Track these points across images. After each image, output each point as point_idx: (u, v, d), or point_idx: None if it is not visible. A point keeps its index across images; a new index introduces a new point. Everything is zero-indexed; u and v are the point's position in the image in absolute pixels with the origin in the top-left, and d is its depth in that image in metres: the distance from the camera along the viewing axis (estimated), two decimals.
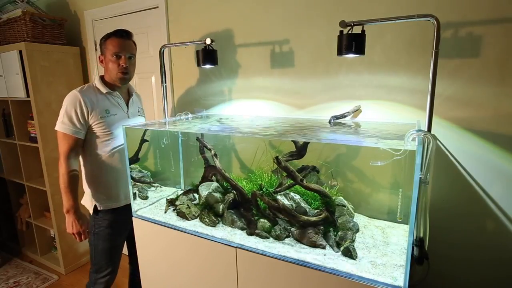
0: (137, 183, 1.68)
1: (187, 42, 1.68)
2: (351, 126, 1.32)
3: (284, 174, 1.29)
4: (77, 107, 1.37)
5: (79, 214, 1.44)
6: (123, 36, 1.43)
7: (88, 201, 1.53)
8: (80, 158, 1.49)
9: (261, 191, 1.29)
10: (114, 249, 1.57)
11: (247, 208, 1.35)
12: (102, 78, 1.51)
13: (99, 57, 1.48)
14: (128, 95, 1.59)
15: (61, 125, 1.38)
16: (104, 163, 1.48)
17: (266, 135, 1.23)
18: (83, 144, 1.45)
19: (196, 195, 1.56)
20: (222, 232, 1.30)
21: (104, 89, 1.46)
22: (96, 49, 2.34)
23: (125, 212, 1.51)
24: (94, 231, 1.52)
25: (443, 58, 1.20)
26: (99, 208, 1.50)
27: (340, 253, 1.11)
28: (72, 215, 1.42)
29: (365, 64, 1.37)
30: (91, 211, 1.53)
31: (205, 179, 1.58)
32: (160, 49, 1.69)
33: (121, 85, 1.50)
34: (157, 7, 1.94)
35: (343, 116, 1.38)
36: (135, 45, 1.50)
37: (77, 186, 1.43)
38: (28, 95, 2.15)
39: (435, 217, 1.28)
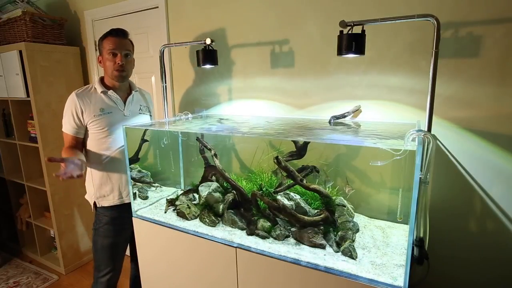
0: (137, 183, 1.69)
1: (187, 42, 1.68)
2: (351, 126, 1.32)
3: (284, 174, 1.29)
4: (72, 107, 1.45)
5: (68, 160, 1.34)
6: (118, 35, 1.46)
7: (89, 197, 1.58)
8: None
9: (261, 191, 1.29)
10: (114, 247, 1.57)
11: (247, 208, 1.35)
12: (101, 78, 1.55)
13: (98, 58, 1.52)
14: (128, 93, 1.59)
15: (63, 125, 1.48)
16: (101, 161, 1.50)
17: (266, 135, 1.23)
18: (83, 142, 1.50)
19: (196, 195, 1.56)
20: (222, 232, 1.30)
21: (100, 89, 1.49)
22: (96, 50, 2.34)
23: (126, 210, 1.52)
24: (94, 227, 1.56)
25: (443, 58, 1.20)
26: (98, 205, 1.54)
27: (340, 253, 1.11)
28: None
29: (365, 64, 1.37)
30: (92, 207, 1.56)
31: (205, 179, 1.58)
32: (160, 49, 1.69)
33: (119, 82, 1.52)
34: (157, 7, 1.94)
35: (343, 116, 1.38)
36: (132, 43, 1.52)
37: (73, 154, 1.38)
38: (28, 95, 2.15)
39: (435, 217, 1.28)
